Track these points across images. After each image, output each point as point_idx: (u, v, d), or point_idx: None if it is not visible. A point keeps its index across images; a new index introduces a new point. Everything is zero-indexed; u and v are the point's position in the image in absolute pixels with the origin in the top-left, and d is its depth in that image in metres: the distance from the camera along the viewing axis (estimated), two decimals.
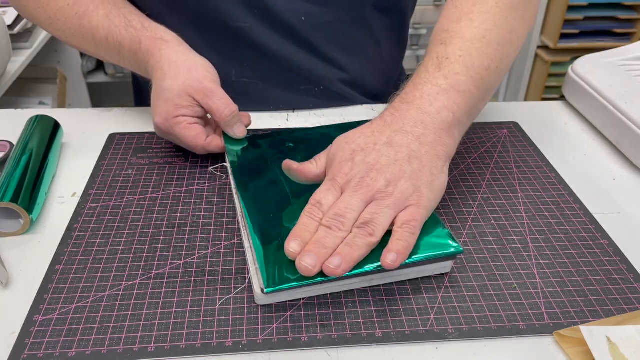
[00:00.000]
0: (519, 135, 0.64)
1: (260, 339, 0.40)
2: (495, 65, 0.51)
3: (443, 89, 0.48)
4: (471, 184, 0.56)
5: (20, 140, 0.56)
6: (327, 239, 0.42)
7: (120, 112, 0.68)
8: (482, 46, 0.50)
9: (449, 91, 0.48)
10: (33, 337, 0.40)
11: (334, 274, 0.40)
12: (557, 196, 0.54)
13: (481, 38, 0.51)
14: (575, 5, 1.89)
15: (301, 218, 0.44)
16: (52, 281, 0.44)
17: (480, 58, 0.50)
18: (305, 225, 0.43)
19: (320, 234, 0.42)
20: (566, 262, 0.47)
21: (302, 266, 0.40)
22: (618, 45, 0.79)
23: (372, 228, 0.42)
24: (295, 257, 0.41)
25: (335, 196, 0.45)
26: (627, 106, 0.60)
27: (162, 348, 0.39)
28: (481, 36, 0.51)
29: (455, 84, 0.48)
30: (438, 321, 0.41)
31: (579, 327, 0.40)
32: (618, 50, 0.72)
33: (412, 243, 0.42)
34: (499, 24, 0.52)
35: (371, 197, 0.44)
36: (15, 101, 1.53)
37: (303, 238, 0.42)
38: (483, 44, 0.50)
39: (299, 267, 0.40)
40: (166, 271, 0.45)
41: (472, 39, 0.50)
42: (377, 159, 0.45)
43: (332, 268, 0.40)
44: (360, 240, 0.42)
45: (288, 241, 0.42)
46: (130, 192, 0.54)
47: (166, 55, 0.56)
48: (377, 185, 0.44)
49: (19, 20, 1.32)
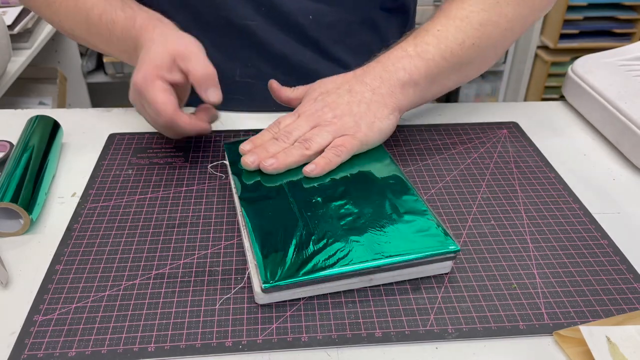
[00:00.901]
0: (518, 135, 0.64)
1: (260, 339, 0.40)
2: (471, 42, 0.57)
3: (408, 54, 0.56)
4: (471, 184, 0.56)
5: (20, 140, 0.56)
6: (271, 146, 0.53)
7: (120, 112, 0.68)
8: (462, 24, 0.57)
9: (413, 57, 0.56)
10: (33, 337, 0.40)
11: (265, 169, 0.51)
12: (557, 196, 0.54)
13: (463, 17, 0.57)
14: (575, 5, 1.89)
15: (262, 131, 0.56)
16: (52, 281, 0.44)
17: (456, 34, 0.57)
18: (262, 135, 0.55)
19: (267, 142, 0.54)
20: (566, 262, 0.47)
21: (245, 161, 0.52)
22: (618, 45, 0.79)
23: (309, 144, 0.52)
24: (245, 154, 0.52)
25: (293, 121, 0.55)
26: (626, 106, 0.60)
27: (162, 348, 0.39)
28: (464, 16, 0.57)
29: (421, 52, 0.56)
30: (438, 321, 0.41)
31: (579, 327, 0.40)
32: (618, 50, 0.72)
33: (334, 162, 0.52)
34: (487, 7, 0.58)
35: (317, 123, 0.54)
36: (15, 101, 1.53)
37: (255, 143, 0.54)
38: (464, 23, 0.57)
39: (243, 161, 0.52)
40: (166, 271, 0.45)
41: (455, 17, 0.57)
42: (334, 100, 0.55)
43: (265, 164, 0.51)
44: (295, 151, 0.52)
45: (244, 143, 0.54)
46: (130, 192, 0.54)
47: (159, 31, 0.56)
48: (325, 116, 0.54)
49: (19, 20, 1.32)
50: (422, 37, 0.57)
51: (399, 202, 0.48)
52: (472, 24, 0.57)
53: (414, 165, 0.58)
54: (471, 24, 0.57)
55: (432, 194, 0.54)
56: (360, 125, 0.53)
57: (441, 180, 0.56)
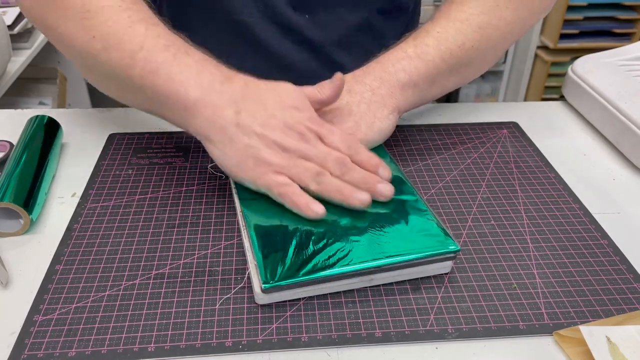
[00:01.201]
0: (518, 135, 0.64)
1: (260, 339, 0.40)
2: (470, 44, 0.57)
3: (408, 55, 0.56)
4: (471, 184, 0.56)
5: (20, 140, 0.56)
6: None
7: (120, 112, 0.68)
8: (462, 26, 0.57)
9: (413, 58, 0.56)
10: (33, 337, 0.40)
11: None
12: (557, 196, 0.54)
13: (463, 20, 0.58)
14: (575, 5, 1.89)
15: None
16: (52, 281, 0.44)
17: (456, 36, 0.57)
18: None
19: None
20: (566, 262, 0.47)
21: None
22: (618, 45, 0.79)
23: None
24: None
25: None
26: (626, 106, 0.61)
27: (162, 348, 0.39)
28: (464, 18, 0.58)
29: (421, 53, 0.56)
30: (438, 321, 0.41)
31: (579, 327, 0.40)
32: (618, 50, 0.72)
33: None
34: (486, 10, 0.58)
35: None
36: (15, 101, 1.53)
37: None
38: (463, 25, 0.57)
39: None
40: (166, 271, 0.45)
41: (455, 19, 0.58)
42: None
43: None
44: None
45: None
46: (130, 192, 0.54)
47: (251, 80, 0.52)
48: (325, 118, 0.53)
49: (19, 20, 1.32)
50: (422, 38, 0.57)
51: (399, 202, 0.48)
52: (472, 27, 0.58)
53: (414, 165, 0.58)
54: (471, 26, 0.58)
55: (432, 194, 0.54)
56: (360, 125, 0.54)
57: (441, 180, 0.56)
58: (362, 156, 0.49)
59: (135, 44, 0.49)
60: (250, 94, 0.49)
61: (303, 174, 0.47)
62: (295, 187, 0.47)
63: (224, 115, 0.48)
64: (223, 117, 0.47)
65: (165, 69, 0.48)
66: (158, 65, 0.48)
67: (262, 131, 0.47)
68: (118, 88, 0.53)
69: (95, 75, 0.55)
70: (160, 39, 0.50)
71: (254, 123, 0.47)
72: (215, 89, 0.48)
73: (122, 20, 0.50)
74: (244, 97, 0.49)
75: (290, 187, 0.46)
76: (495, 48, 0.61)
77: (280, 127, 0.48)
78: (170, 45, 0.50)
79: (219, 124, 0.47)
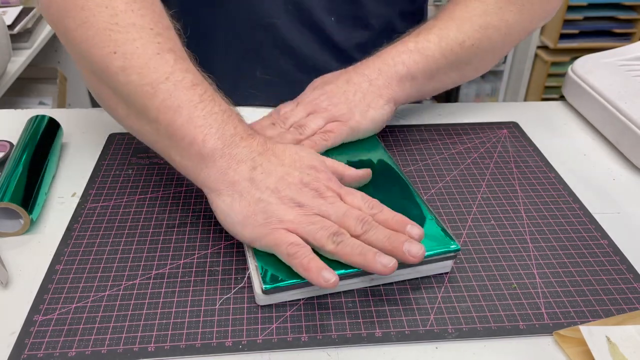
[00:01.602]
0: (518, 135, 0.64)
1: (260, 339, 0.40)
2: (471, 43, 0.58)
3: (409, 49, 0.57)
4: (471, 184, 0.56)
5: (20, 140, 0.56)
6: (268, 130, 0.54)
7: None
8: (464, 25, 0.58)
9: (413, 52, 0.57)
10: (33, 337, 0.40)
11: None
12: (557, 196, 0.54)
13: (466, 19, 0.59)
14: (575, 5, 1.89)
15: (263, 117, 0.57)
16: (52, 281, 0.44)
17: (457, 34, 0.58)
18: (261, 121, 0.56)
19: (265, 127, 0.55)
20: (566, 262, 0.47)
21: None
22: (618, 45, 0.79)
23: (302, 129, 0.54)
24: None
25: (292, 109, 0.57)
26: (626, 106, 0.61)
27: (162, 348, 0.39)
28: (467, 18, 0.59)
29: (422, 48, 0.57)
30: (438, 321, 0.42)
31: (579, 327, 0.40)
32: (618, 50, 0.72)
33: (320, 146, 0.53)
34: (489, 11, 0.59)
35: (313, 110, 0.56)
36: (15, 101, 1.53)
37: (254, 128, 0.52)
38: (466, 24, 0.58)
39: None
40: (166, 271, 0.45)
41: (457, 18, 0.59)
42: (332, 89, 0.57)
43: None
44: (289, 135, 0.53)
45: None
46: (130, 192, 0.54)
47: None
48: (321, 104, 0.56)
49: (19, 20, 1.32)
50: (424, 34, 0.58)
51: (399, 202, 0.48)
52: (474, 26, 0.59)
53: (414, 165, 0.58)
54: (473, 25, 0.59)
55: (432, 194, 0.54)
56: (354, 112, 0.55)
57: (441, 180, 0.56)
58: (386, 214, 0.44)
59: (160, 73, 0.45)
60: (269, 152, 0.46)
61: (319, 232, 0.42)
62: (308, 248, 0.41)
63: (239, 169, 0.44)
64: (238, 172, 0.44)
65: (189, 109, 0.45)
66: (181, 104, 0.45)
67: (276, 186, 0.44)
68: (127, 112, 0.49)
69: (104, 89, 0.50)
70: (188, 74, 0.46)
71: (269, 179, 0.44)
72: (235, 143, 0.45)
73: (151, 45, 0.46)
74: (261, 154, 0.46)
75: (301, 248, 0.41)
76: (495, 49, 0.62)
77: (296, 183, 0.44)
78: (197, 84, 0.46)
79: (231, 177, 0.44)
